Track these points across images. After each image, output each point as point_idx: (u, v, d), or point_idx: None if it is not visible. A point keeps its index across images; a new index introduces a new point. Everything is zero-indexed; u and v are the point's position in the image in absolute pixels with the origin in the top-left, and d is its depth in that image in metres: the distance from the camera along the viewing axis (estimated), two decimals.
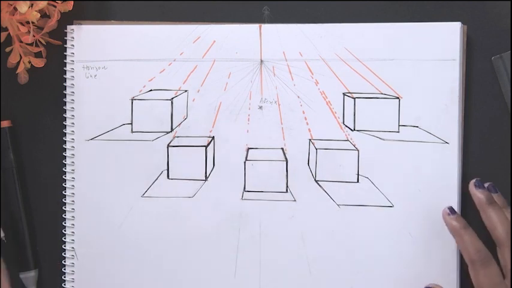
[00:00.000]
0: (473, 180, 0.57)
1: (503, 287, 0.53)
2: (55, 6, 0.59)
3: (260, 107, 0.61)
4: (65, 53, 0.62)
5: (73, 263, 0.62)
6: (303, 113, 0.60)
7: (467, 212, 0.59)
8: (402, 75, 0.59)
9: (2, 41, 0.60)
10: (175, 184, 0.61)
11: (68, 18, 0.61)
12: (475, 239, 0.55)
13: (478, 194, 0.56)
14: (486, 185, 0.57)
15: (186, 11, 0.62)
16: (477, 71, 0.60)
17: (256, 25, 0.61)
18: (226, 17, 0.62)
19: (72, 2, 0.59)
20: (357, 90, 0.60)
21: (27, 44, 0.59)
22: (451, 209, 0.57)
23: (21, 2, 0.57)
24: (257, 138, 0.61)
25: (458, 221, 0.56)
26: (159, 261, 0.61)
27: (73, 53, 0.62)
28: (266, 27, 0.61)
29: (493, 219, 0.54)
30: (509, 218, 0.55)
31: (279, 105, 0.61)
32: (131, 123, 0.62)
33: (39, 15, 0.58)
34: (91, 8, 0.63)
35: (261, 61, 0.61)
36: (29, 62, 0.60)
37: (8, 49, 0.60)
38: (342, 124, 0.60)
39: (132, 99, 0.62)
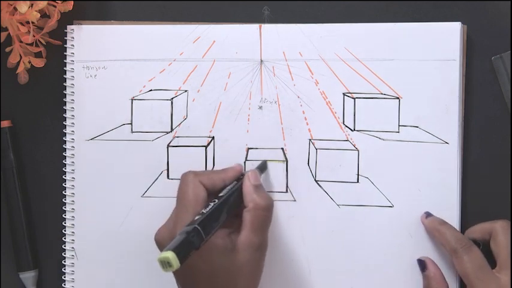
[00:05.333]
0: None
1: (487, 269, 0.54)
2: (55, 6, 0.59)
3: (260, 107, 0.61)
4: (65, 53, 0.62)
5: (73, 263, 0.62)
6: (303, 113, 0.60)
7: (467, 212, 0.59)
8: (402, 75, 0.59)
9: (2, 41, 0.60)
10: (176, 184, 0.61)
11: (68, 18, 0.61)
12: (454, 229, 0.57)
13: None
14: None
15: (186, 11, 0.62)
16: (477, 71, 0.60)
17: (256, 25, 0.61)
18: (226, 17, 0.62)
19: (72, 2, 0.59)
20: (357, 90, 0.60)
21: (27, 44, 0.59)
22: (428, 213, 0.58)
23: (21, 2, 0.57)
24: (257, 138, 0.61)
25: (435, 219, 0.57)
26: None
27: (73, 53, 0.62)
28: (266, 27, 0.61)
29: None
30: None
31: (279, 105, 0.61)
32: (131, 123, 0.62)
33: (39, 15, 0.58)
34: (91, 8, 0.63)
35: (261, 61, 0.61)
36: (29, 62, 0.60)
37: (8, 49, 0.60)
38: (342, 124, 0.60)
39: (132, 99, 0.62)
